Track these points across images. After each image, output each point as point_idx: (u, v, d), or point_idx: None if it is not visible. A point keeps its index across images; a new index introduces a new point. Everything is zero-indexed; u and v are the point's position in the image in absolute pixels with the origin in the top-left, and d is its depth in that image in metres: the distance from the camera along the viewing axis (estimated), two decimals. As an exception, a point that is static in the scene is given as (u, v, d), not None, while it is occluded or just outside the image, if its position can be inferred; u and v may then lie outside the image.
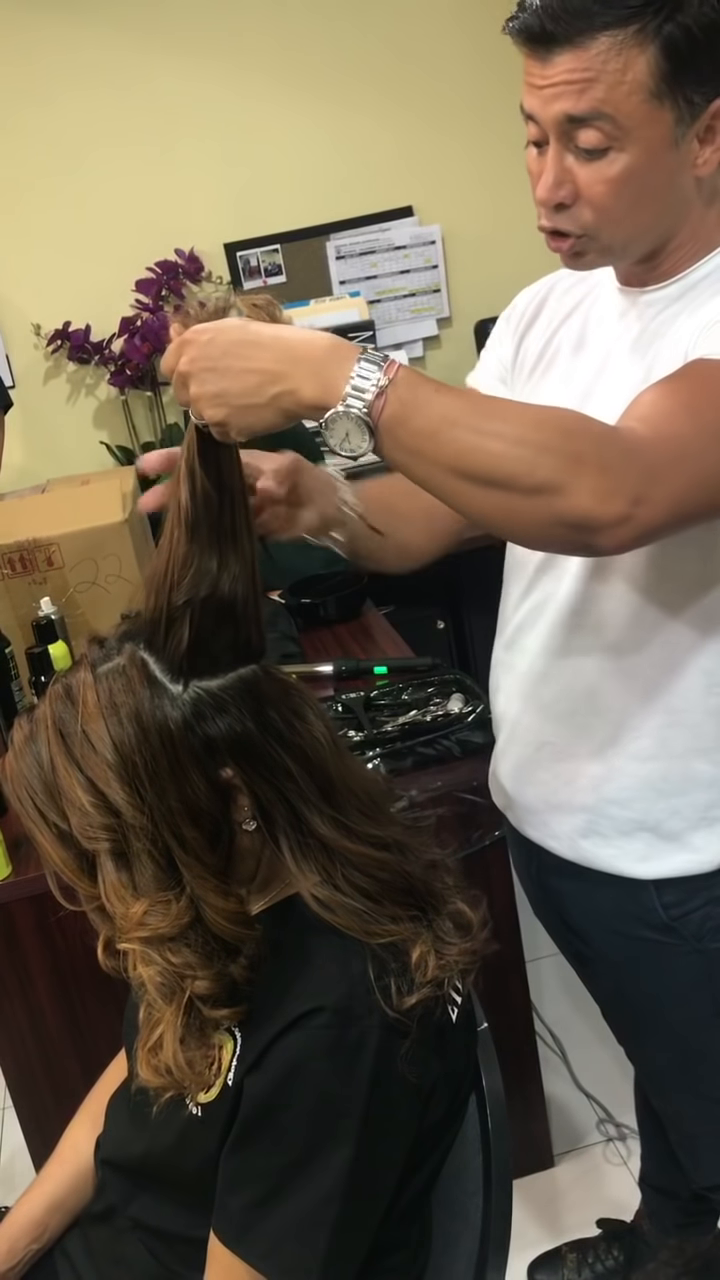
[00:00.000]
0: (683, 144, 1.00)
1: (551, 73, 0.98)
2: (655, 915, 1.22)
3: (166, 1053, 0.94)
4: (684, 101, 0.97)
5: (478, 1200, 1.10)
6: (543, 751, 1.25)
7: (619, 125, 0.98)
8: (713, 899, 1.20)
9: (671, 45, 0.95)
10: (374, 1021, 0.90)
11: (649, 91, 0.96)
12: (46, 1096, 1.77)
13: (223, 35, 2.90)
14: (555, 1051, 2.23)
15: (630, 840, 1.21)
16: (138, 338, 2.87)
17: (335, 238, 3.06)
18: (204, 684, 0.93)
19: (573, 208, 1.04)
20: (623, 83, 0.96)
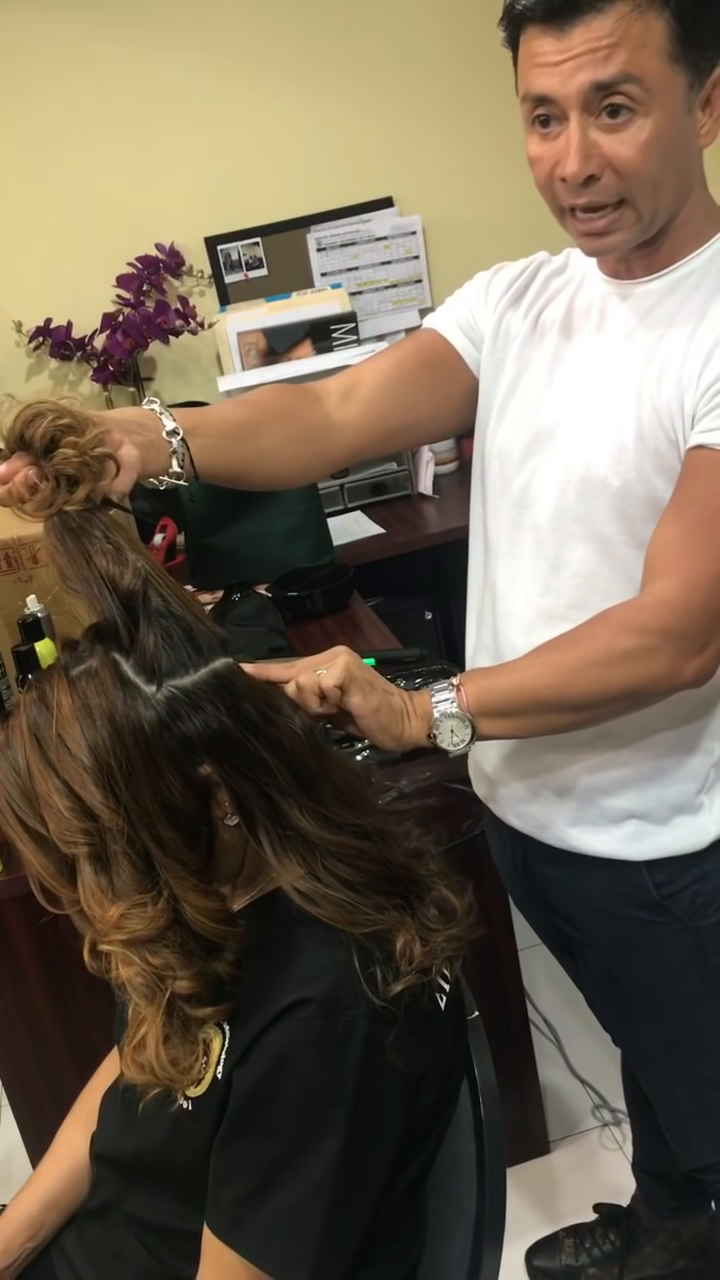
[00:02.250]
0: (691, 116, 1.02)
1: (572, 44, 0.98)
2: (647, 894, 1.23)
3: (150, 1052, 0.94)
4: (694, 65, 0.99)
5: (472, 1188, 1.10)
6: (530, 743, 1.26)
7: (646, 88, 0.98)
8: (702, 876, 1.22)
9: (684, 11, 0.97)
10: (360, 1011, 0.90)
11: (668, 54, 0.97)
12: (41, 1094, 1.77)
13: (202, 27, 2.88)
14: (549, 1038, 2.23)
15: (619, 827, 1.22)
16: (120, 333, 2.86)
17: (316, 230, 3.05)
18: (177, 682, 0.92)
19: (601, 179, 1.03)
20: (645, 45, 0.96)
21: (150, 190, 2.96)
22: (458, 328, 1.29)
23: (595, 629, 1.07)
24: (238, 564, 2.39)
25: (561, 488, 1.16)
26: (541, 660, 1.09)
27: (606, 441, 1.11)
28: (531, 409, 1.19)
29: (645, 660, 1.04)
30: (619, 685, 1.06)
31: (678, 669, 1.05)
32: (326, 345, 2.86)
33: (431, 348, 1.29)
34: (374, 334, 3.09)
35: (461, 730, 1.07)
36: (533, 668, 1.09)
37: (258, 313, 2.90)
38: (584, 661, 1.06)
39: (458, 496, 2.75)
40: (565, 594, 1.18)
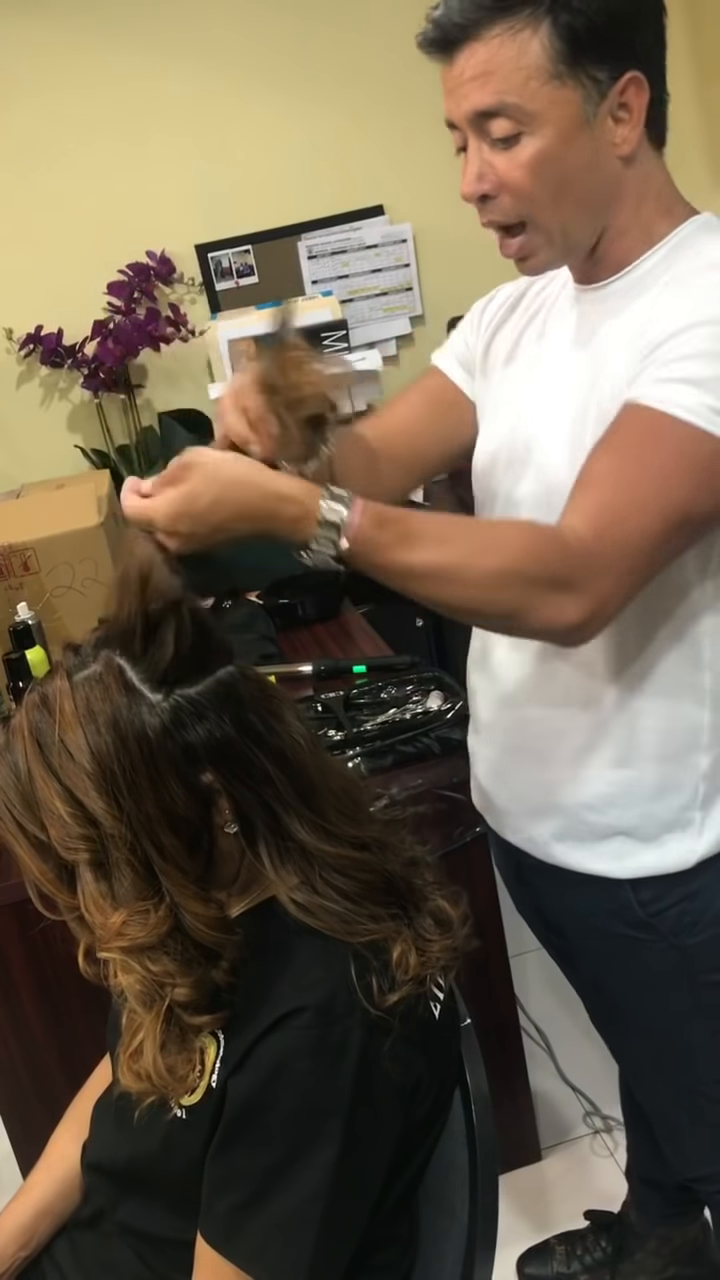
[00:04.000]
0: (596, 123, 1.02)
1: (458, 72, 1.02)
2: (632, 912, 1.22)
3: (147, 1059, 0.94)
4: (588, 80, 1.00)
5: (465, 1195, 1.10)
6: (518, 757, 1.26)
7: (524, 110, 1.00)
8: (688, 895, 1.20)
9: (564, 26, 0.98)
10: (356, 1020, 0.90)
11: (548, 74, 0.99)
12: (32, 1102, 1.76)
13: (193, 35, 2.89)
14: (541, 1045, 2.23)
15: (605, 843, 1.21)
16: (111, 340, 2.86)
17: (307, 238, 3.06)
18: (184, 690, 0.92)
19: (498, 198, 1.06)
20: (520, 68, 0.99)
21: (141, 197, 2.96)
22: (456, 362, 1.34)
23: (509, 541, 1.02)
24: (228, 571, 2.39)
25: (535, 497, 1.17)
26: (451, 542, 1.01)
27: (567, 448, 1.12)
28: (509, 420, 1.21)
29: (534, 592, 0.98)
30: (503, 606, 1.00)
31: (562, 613, 0.99)
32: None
33: (435, 389, 1.35)
34: (364, 341, 3.09)
35: (333, 563, 1.00)
36: (442, 545, 1.00)
37: (249, 320, 2.90)
38: (484, 571, 0.99)
39: (448, 504, 2.75)
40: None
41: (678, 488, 1.00)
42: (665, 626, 1.13)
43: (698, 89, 3.04)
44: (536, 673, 1.21)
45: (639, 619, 1.12)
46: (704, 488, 1.00)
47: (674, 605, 1.12)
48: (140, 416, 3.02)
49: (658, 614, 1.12)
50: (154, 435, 2.97)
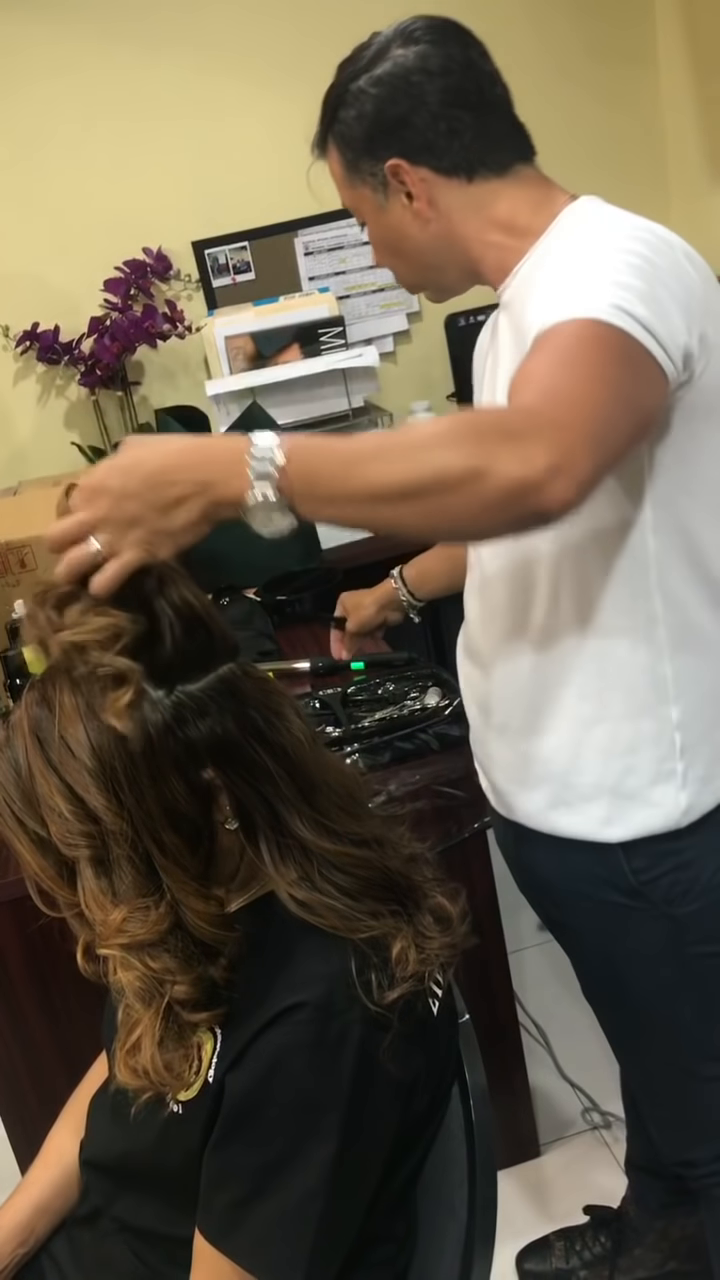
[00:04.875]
0: (390, 204, 1.22)
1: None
2: (625, 880, 1.24)
3: (144, 1056, 0.94)
4: (368, 175, 1.22)
5: (463, 1191, 1.10)
6: (504, 733, 1.29)
7: (352, 209, 1.28)
8: (681, 864, 1.23)
9: (339, 141, 1.23)
10: (355, 1016, 0.90)
11: (346, 180, 1.25)
12: (30, 1099, 1.76)
13: (190, 30, 2.88)
14: (539, 1041, 2.23)
15: (593, 805, 1.23)
16: (107, 337, 2.85)
17: (303, 234, 3.05)
18: (186, 687, 0.92)
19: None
20: (336, 178, 1.27)
21: (137, 194, 2.96)
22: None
23: (453, 417, 0.99)
24: (225, 568, 2.38)
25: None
26: (379, 437, 0.98)
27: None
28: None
29: (483, 446, 0.91)
30: (457, 465, 0.91)
31: (516, 464, 0.90)
32: (314, 349, 2.86)
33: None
34: (362, 338, 3.09)
35: (281, 520, 0.94)
36: (370, 445, 0.96)
37: (245, 317, 2.90)
38: (425, 438, 0.94)
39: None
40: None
41: (610, 364, 0.98)
42: (617, 586, 1.15)
43: (695, 87, 3.04)
44: (504, 650, 1.26)
45: (591, 582, 1.15)
46: (630, 370, 0.99)
47: (623, 564, 1.14)
48: (137, 413, 3.02)
49: (608, 574, 1.15)
50: (151, 432, 2.96)
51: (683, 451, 1.11)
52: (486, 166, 1.20)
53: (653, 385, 1.01)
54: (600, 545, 1.14)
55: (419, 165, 1.19)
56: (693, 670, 1.18)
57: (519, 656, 1.24)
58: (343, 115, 1.21)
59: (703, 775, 1.21)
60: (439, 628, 2.79)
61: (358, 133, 1.20)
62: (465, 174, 1.20)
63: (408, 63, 1.17)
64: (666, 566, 1.14)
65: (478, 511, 0.92)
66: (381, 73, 1.18)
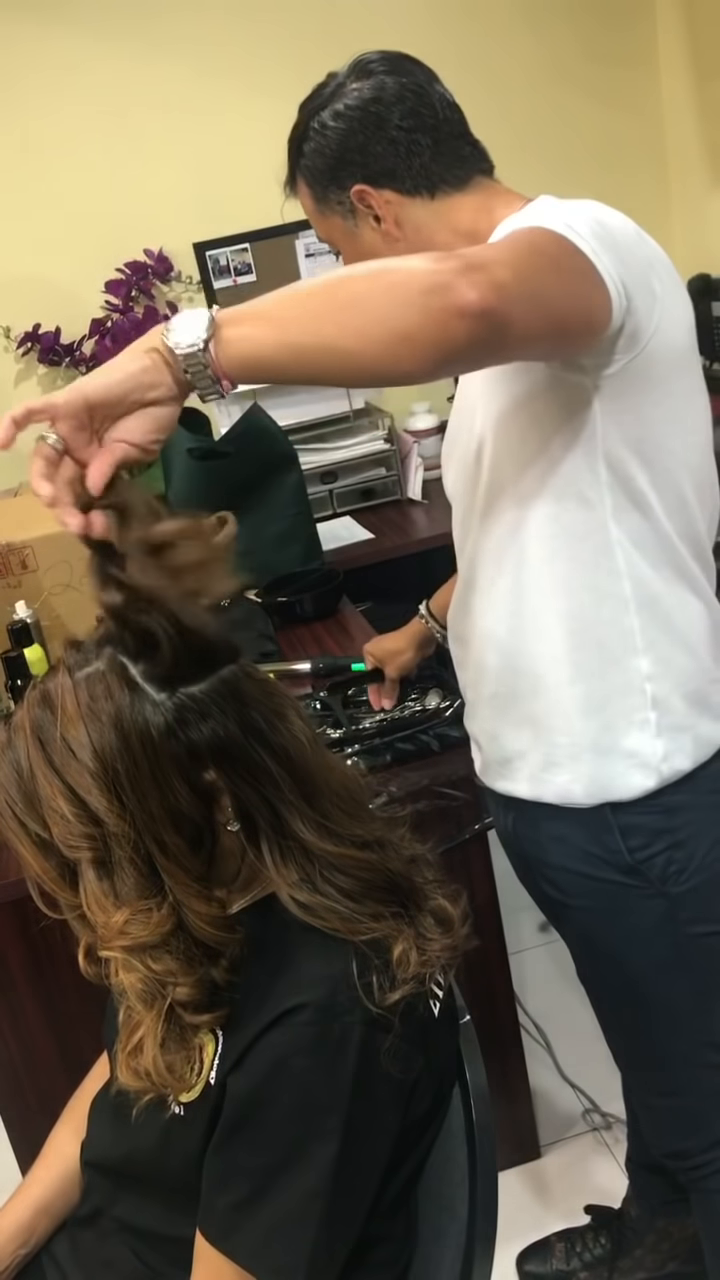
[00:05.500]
0: (360, 228, 1.28)
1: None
2: (620, 857, 1.26)
3: (146, 1057, 0.94)
4: (336, 204, 1.28)
5: (464, 1192, 1.10)
6: (492, 705, 1.33)
7: (325, 238, 1.34)
8: (675, 843, 1.25)
9: (306, 175, 1.30)
10: (357, 1018, 0.90)
11: (316, 212, 1.31)
12: (30, 1100, 1.76)
13: (191, 33, 2.89)
14: (540, 1043, 2.24)
15: (579, 763, 1.26)
16: (108, 339, 2.86)
17: (304, 236, 3.05)
18: (187, 689, 0.92)
19: None
20: (309, 212, 1.32)
21: (139, 196, 2.96)
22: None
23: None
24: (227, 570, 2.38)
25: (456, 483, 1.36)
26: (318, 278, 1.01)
27: (455, 462, 1.33)
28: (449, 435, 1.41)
29: (412, 258, 0.93)
30: (369, 268, 0.95)
31: (430, 261, 0.91)
32: (315, 351, 2.86)
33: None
34: (362, 339, 3.09)
35: (199, 323, 0.94)
36: (311, 280, 1.00)
37: (246, 318, 2.90)
38: (358, 267, 0.97)
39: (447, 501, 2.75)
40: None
41: (548, 245, 1.02)
42: (578, 544, 1.19)
43: (695, 88, 3.04)
44: (481, 622, 1.30)
45: (553, 541, 1.20)
46: (568, 259, 1.03)
47: (580, 521, 1.18)
48: (138, 415, 3.02)
49: (568, 533, 1.19)
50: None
51: (636, 416, 1.15)
52: (446, 182, 1.27)
53: (595, 286, 1.03)
54: (560, 505, 1.18)
55: (382, 189, 1.26)
56: (660, 622, 1.22)
57: (497, 625, 1.28)
58: (307, 150, 1.28)
59: (676, 724, 1.24)
60: (439, 629, 2.79)
61: (322, 165, 1.27)
62: (427, 191, 1.26)
63: (364, 94, 1.25)
64: (624, 525, 1.18)
65: (394, 306, 0.91)
66: (341, 107, 1.25)
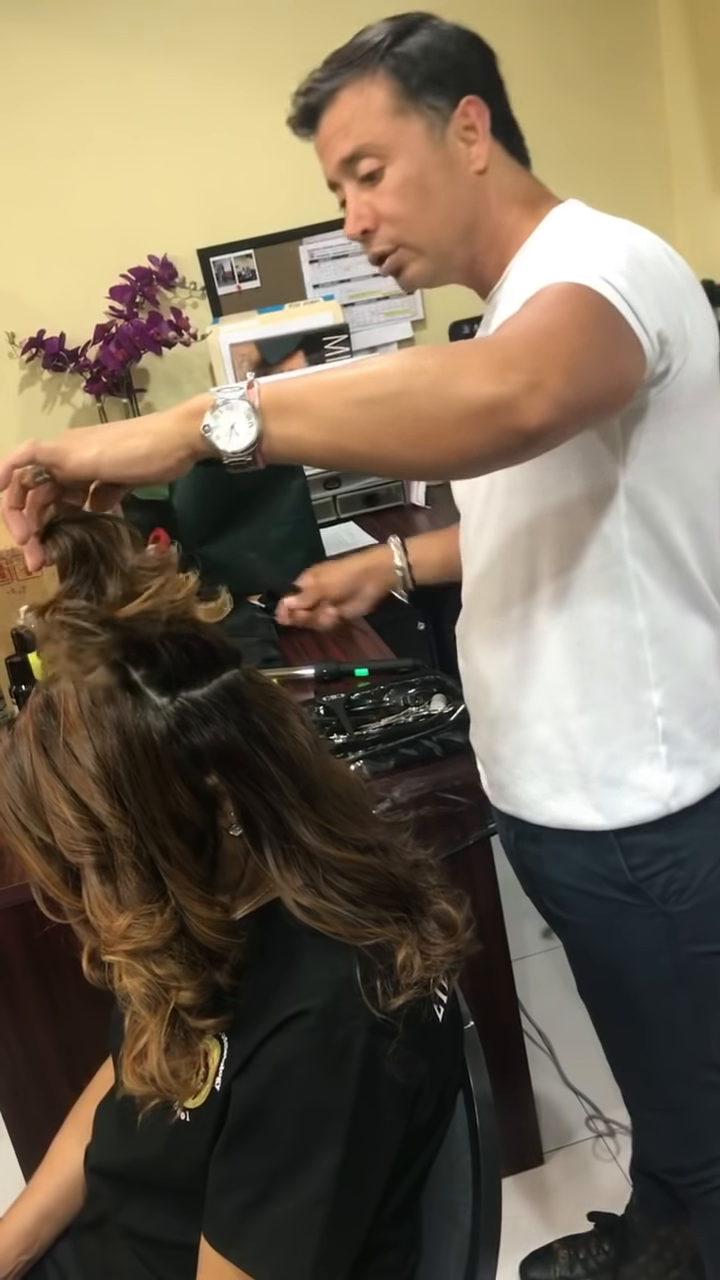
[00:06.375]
0: (445, 144, 1.17)
1: (323, 137, 1.20)
2: (621, 875, 1.25)
3: (151, 1062, 0.94)
4: (428, 108, 1.16)
5: (468, 1199, 1.10)
6: (497, 727, 1.31)
7: (380, 146, 1.17)
8: (677, 862, 1.24)
9: (397, 69, 1.16)
10: (361, 1023, 0.90)
11: (393, 110, 1.16)
12: (35, 1105, 1.76)
13: (196, 39, 2.89)
14: (543, 1049, 2.23)
15: (585, 792, 1.24)
16: (113, 344, 2.86)
17: (308, 242, 3.06)
18: (189, 694, 0.92)
19: (378, 230, 1.21)
20: (369, 113, 1.16)
21: (143, 202, 2.97)
22: None
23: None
24: (230, 574, 2.39)
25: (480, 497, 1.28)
26: (347, 362, 1.03)
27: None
28: None
29: (458, 358, 0.92)
30: (432, 369, 0.91)
31: (492, 375, 0.90)
32: (319, 357, 2.87)
33: None
34: (366, 345, 3.10)
35: (245, 424, 0.91)
36: (344, 366, 0.98)
37: (250, 324, 2.91)
38: (400, 352, 0.96)
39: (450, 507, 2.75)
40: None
41: (588, 316, 0.98)
42: (593, 575, 1.17)
43: (699, 95, 3.04)
44: (490, 643, 1.28)
45: (568, 572, 1.17)
46: (607, 329, 0.99)
47: (597, 552, 1.16)
48: (142, 420, 3.03)
49: (583, 565, 1.17)
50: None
51: (659, 446, 1.12)
52: (516, 149, 1.22)
53: (631, 352, 1.01)
54: (577, 535, 1.15)
55: (488, 110, 1.18)
56: (673, 655, 1.19)
57: (504, 649, 1.26)
58: (413, 43, 1.16)
59: (687, 758, 1.22)
60: (442, 634, 2.79)
61: (433, 64, 1.16)
62: (504, 140, 1.20)
63: (459, 29, 1.18)
64: (641, 557, 1.16)
65: (452, 422, 0.89)
66: (441, 24, 1.18)
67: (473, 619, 1.32)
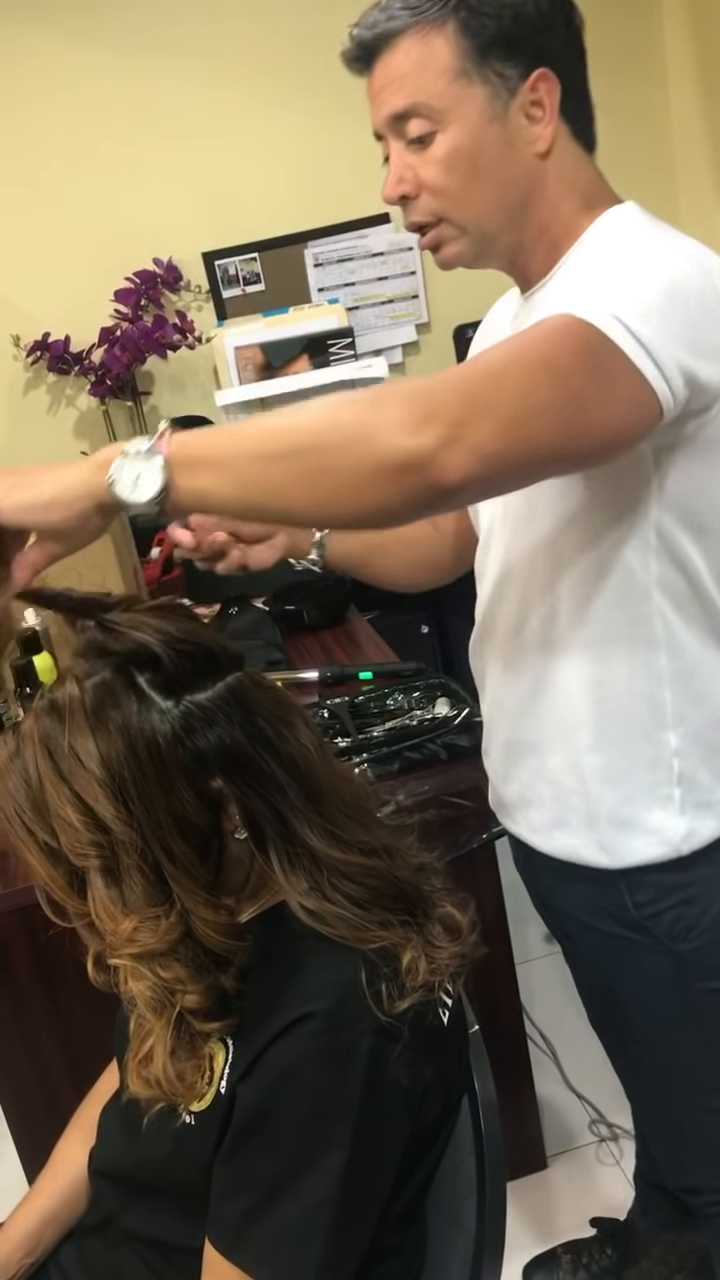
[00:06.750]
0: (507, 118, 1.05)
1: (376, 82, 1.08)
2: (627, 913, 1.22)
3: (157, 1065, 0.94)
4: (495, 76, 1.04)
5: (472, 1203, 1.09)
6: (512, 750, 1.28)
7: (435, 108, 1.05)
8: (686, 900, 1.19)
9: (468, 26, 1.02)
10: (366, 1026, 0.90)
11: (455, 71, 1.04)
12: (39, 1109, 1.76)
13: (201, 43, 2.90)
14: (546, 1053, 2.23)
15: (593, 830, 1.21)
16: (117, 347, 2.87)
17: (313, 245, 3.07)
18: (193, 697, 0.92)
19: (419, 199, 1.10)
20: (429, 69, 1.04)
21: (148, 205, 2.98)
22: None
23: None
24: (234, 577, 2.39)
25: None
26: (271, 412, 0.94)
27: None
28: None
29: (376, 409, 0.87)
30: (345, 423, 0.87)
31: (407, 428, 0.85)
32: (324, 360, 2.87)
33: None
34: (371, 349, 3.10)
35: (150, 476, 0.88)
36: (259, 417, 0.93)
37: (255, 327, 2.91)
38: (317, 402, 0.90)
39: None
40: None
41: (570, 356, 0.91)
42: (616, 610, 1.11)
43: (703, 104, 3.05)
44: (505, 670, 1.24)
45: (588, 606, 1.12)
46: (594, 372, 0.91)
47: (621, 587, 1.10)
48: (147, 423, 3.03)
49: (606, 600, 1.11)
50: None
51: (699, 484, 1.06)
52: (584, 133, 1.10)
53: (629, 398, 0.93)
54: (599, 568, 1.10)
55: (559, 86, 1.06)
56: (693, 696, 1.14)
57: (519, 676, 1.22)
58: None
59: (702, 800, 1.17)
60: (445, 637, 2.79)
61: (509, 21, 1.03)
62: (572, 121, 1.09)
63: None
64: (667, 593, 1.10)
65: (365, 479, 0.86)
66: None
67: (488, 639, 1.27)
